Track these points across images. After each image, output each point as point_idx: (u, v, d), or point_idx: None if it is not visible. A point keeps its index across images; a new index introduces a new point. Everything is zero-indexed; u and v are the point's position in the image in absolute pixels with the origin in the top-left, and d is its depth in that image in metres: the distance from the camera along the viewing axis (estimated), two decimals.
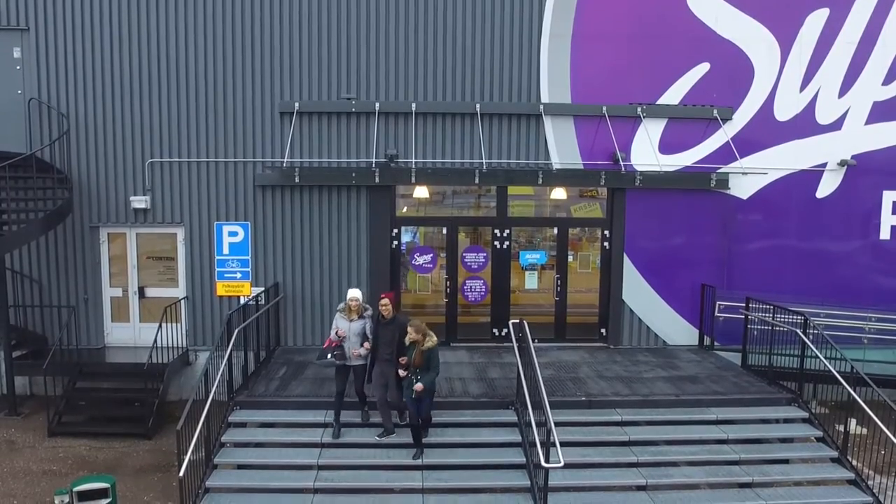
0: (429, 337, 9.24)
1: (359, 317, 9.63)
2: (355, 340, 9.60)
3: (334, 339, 9.60)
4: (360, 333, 9.62)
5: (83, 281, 13.87)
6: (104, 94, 13.62)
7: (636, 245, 14.44)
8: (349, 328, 9.61)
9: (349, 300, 9.66)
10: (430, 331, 9.35)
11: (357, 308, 9.62)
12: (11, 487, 10.02)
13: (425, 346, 9.19)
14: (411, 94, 13.88)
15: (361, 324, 9.64)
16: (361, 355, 9.61)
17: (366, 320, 9.66)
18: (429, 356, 9.22)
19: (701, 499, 9.20)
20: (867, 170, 14.44)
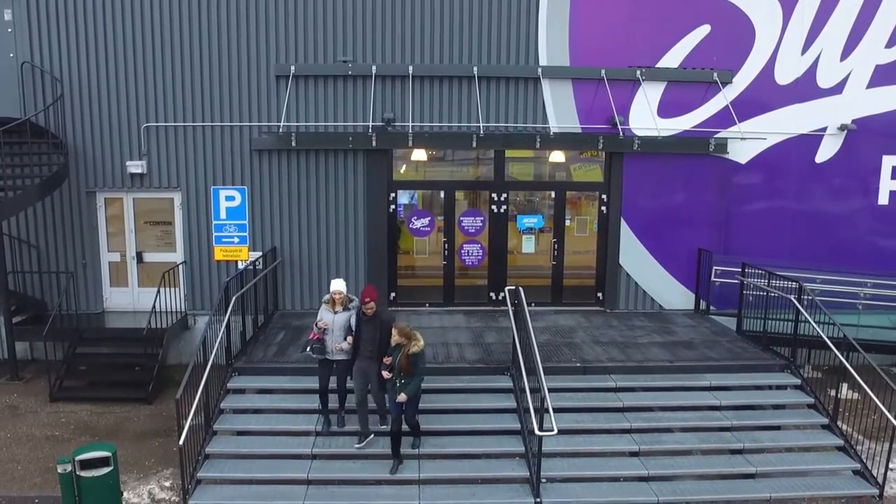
0: (415, 341, 8.63)
1: (344, 309, 9.12)
2: (339, 334, 9.06)
3: (317, 331, 9.13)
4: (345, 327, 9.07)
5: (81, 246, 13.89)
6: (98, 57, 13.45)
7: (634, 209, 14.42)
8: (333, 320, 9.09)
9: (333, 292, 9.12)
10: (416, 333, 8.76)
11: (342, 300, 9.12)
12: (15, 453, 10.18)
13: (411, 351, 8.58)
14: (408, 57, 13.72)
15: (346, 316, 9.10)
16: (344, 349, 9.04)
17: (351, 312, 9.13)
18: (415, 361, 8.62)
19: (692, 465, 9.36)
20: (867, 134, 14.34)
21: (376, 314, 8.93)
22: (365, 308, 8.86)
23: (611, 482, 9.14)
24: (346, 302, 9.14)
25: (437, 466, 9.22)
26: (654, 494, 8.87)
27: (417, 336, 8.68)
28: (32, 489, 9.16)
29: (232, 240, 13.91)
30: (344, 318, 9.07)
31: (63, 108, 13.34)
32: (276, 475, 8.95)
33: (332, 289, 9.17)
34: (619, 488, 9.01)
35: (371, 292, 8.95)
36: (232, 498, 8.62)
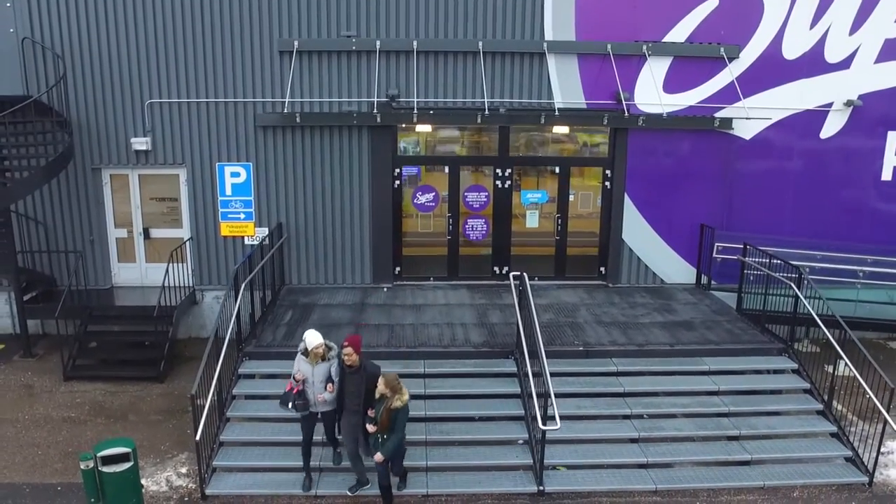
0: (399, 396, 7.94)
1: (323, 360, 8.41)
2: (319, 386, 8.39)
3: (294, 383, 8.47)
4: (326, 378, 8.40)
5: (88, 222, 14.00)
6: (99, 32, 13.32)
7: (637, 184, 14.48)
8: (312, 372, 8.41)
9: (312, 347, 8.32)
10: (403, 387, 8.05)
11: (321, 353, 8.38)
12: (34, 437, 10.51)
13: (393, 406, 7.93)
14: (412, 32, 13.58)
15: (326, 366, 8.39)
16: (327, 400, 8.43)
17: (331, 362, 8.42)
18: (395, 417, 7.96)
19: (689, 452, 9.68)
20: (873, 110, 14.30)
21: (361, 367, 8.24)
22: (344, 355, 8.15)
23: (611, 469, 9.45)
24: (326, 352, 8.43)
25: (443, 454, 9.53)
26: (652, 482, 9.21)
27: (403, 390, 8.01)
28: (54, 476, 9.49)
29: (238, 216, 14.05)
30: (324, 370, 8.38)
31: (66, 85, 13.26)
32: (289, 463, 9.26)
33: (308, 343, 8.34)
34: (619, 476, 9.35)
35: (354, 341, 8.26)
36: (248, 486, 8.96)
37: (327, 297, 13.70)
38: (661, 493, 9.17)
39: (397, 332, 11.87)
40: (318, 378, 8.35)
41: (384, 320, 12.41)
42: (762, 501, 9.07)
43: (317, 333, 8.43)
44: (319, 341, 8.33)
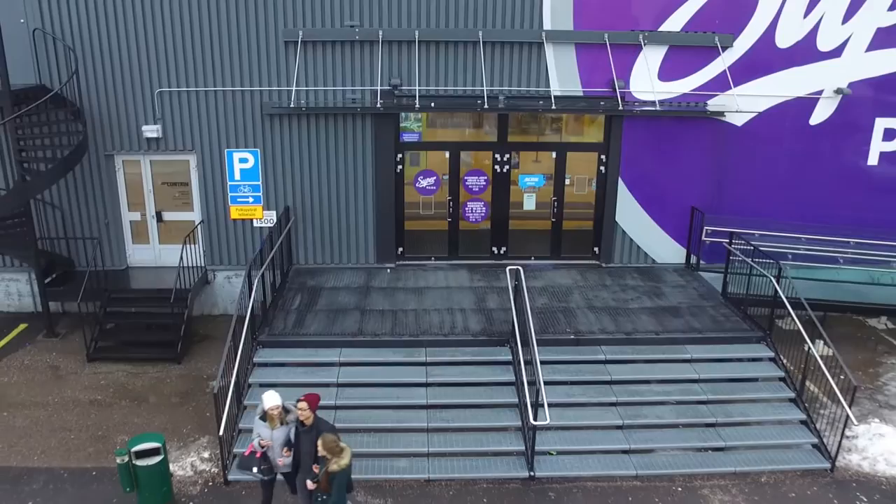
0: (336, 459, 7.72)
1: (281, 423, 8.38)
2: (279, 451, 8.40)
3: (257, 448, 8.41)
4: (285, 442, 8.39)
5: (103, 206, 14.61)
6: (109, 22, 13.66)
7: (631, 169, 15.02)
8: (272, 437, 8.37)
9: (269, 408, 8.25)
10: (345, 450, 7.84)
11: (279, 415, 8.34)
12: (66, 420, 11.37)
13: (331, 469, 7.71)
14: (414, 22, 13.93)
15: (285, 430, 8.37)
16: (287, 464, 8.46)
17: (290, 426, 8.40)
18: (333, 479, 7.75)
19: (669, 438, 10.55)
20: (862, 97, 14.72)
21: (314, 426, 8.16)
22: (298, 409, 8.16)
23: (597, 455, 10.32)
24: (283, 415, 8.40)
25: (444, 440, 10.40)
26: (633, 468, 10.10)
27: (344, 454, 7.80)
28: (88, 460, 10.38)
29: (247, 199, 14.66)
30: (283, 434, 8.36)
31: (78, 76, 13.67)
32: None
33: (266, 405, 8.27)
34: (604, 461, 10.23)
35: (311, 399, 8.22)
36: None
37: (334, 278, 14.42)
38: (641, 478, 10.06)
39: (400, 318, 12.62)
40: (277, 443, 8.34)
41: (388, 306, 13.14)
42: (732, 486, 9.97)
43: (274, 394, 8.36)
44: (276, 403, 8.25)
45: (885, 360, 14.08)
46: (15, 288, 15.23)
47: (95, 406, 11.85)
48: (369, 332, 12.05)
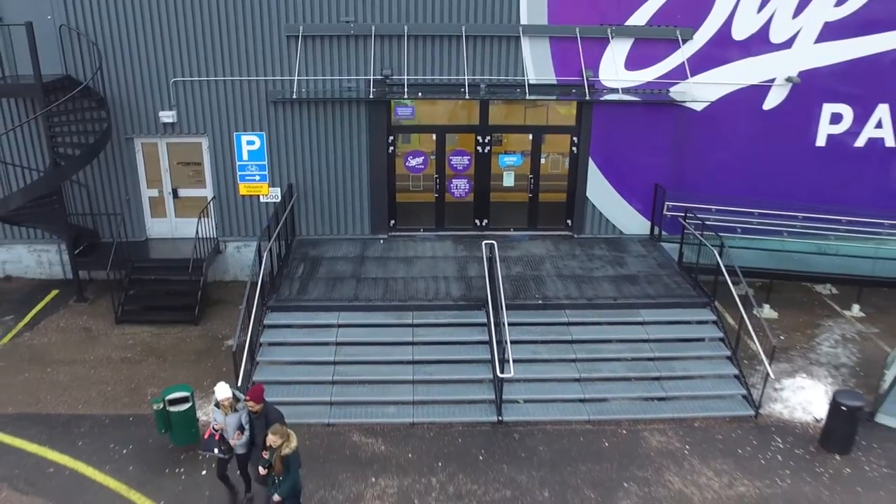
0: (287, 443, 8.69)
1: (233, 410, 9.52)
2: (232, 433, 9.55)
3: (214, 431, 9.58)
4: (237, 426, 9.54)
5: (124, 184, 16.25)
6: (128, 18, 15.10)
7: (600, 149, 16.62)
8: (225, 422, 9.53)
9: (220, 400, 9.41)
10: (291, 436, 8.83)
11: (230, 405, 9.48)
12: (102, 375, 13.21)
13: (283, 453, 8.64)
14: (403, 18, 15.39)
15: (236, 417, 9.49)
16: (241, 444, 9.62)
17: (240, 413, 9.54)
18: (287, 462, 8.69)
19: (619, 390, 12.38)
20: (810, 84, 16.23)
21: (264, 413, 9.34)
22: (249, 405, 9.38)
23: (556, 403, 12.17)
24: (234, 404, 9.51)
25: (427, 391, 12.24)
26: (587, 414, 11.95)
27: (291, 438, 8.78)
28: (125, 408, 12.23)
29: (254, 177, 16.31)
30: (235, 420, 9.47)
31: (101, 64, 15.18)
32: (308, 398, 12.01)
33: (218, 396, 9.41)
34: (562, 408, 12.07)
35: (254, 393, 9.31)
36: None
37: (332, 249, 16.14)
38: (593, 422, 11.91)
39: (391, 285, 14.38)
40: (230, 427, 9.49)
41: (380, 274, 14.89)
42: (669, 429, 11.84)
43: (225, 387, 9.45)
44: (227, 395, 9.37)
45: (823, 323, 15.87)
46: (46, 258, 16.96)
47: (126, 363, 13.67)
48: (364, 298, 13.82)
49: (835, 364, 14.15)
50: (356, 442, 11.43)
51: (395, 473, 10.76)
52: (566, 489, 10.48)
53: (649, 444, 11.53)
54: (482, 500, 10.26)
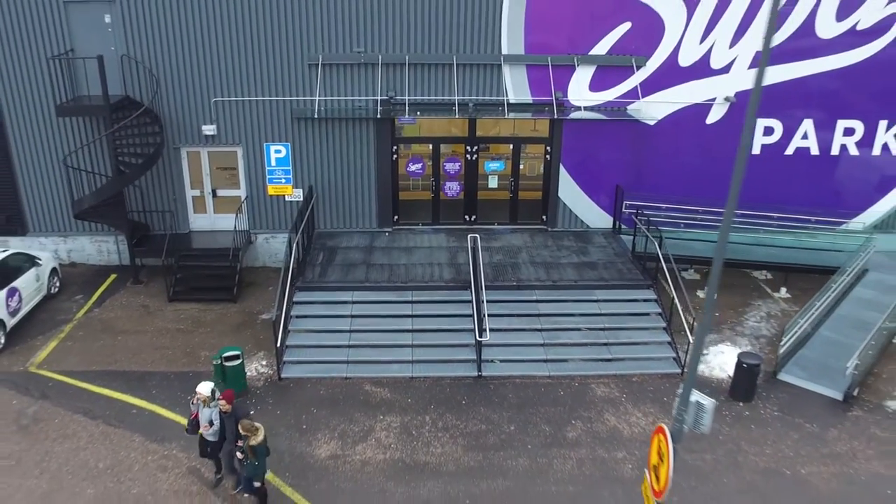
0: (254, 436, 10.68)
1: (206, 406, 11.39)
2: (204, 424, 11.48)
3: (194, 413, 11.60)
4: (207, 419, 11.40)
5: (172, 186, 19.53)
6: (176, 49, 18.31)
7: (570, 157, 19.84)
8: (201, 412, 11.47)
9: (199, 393, 11.36)
10: (258, 428, 10.80)
11: (205, 400, 11.36)
12: (162, 342, 16.52)
13: (251, 444, 10.68)
14: (405, 49, 18.58)
15: (209, 411, 11.37)
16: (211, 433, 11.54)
17: (213, 409, 11.35)
18: (255, 450, 10.71)
19: (575, 353, 15.67)
20: (745, 102, 19.39)
21: (233, 412, 11.24)
22: (221, 404, 11.28)
23: (524, 363, 15.49)
24: (209, 401, 11.36)
25: (422, 352, 15.55)
26: (548, 371, 15.26)
27: (257, 431, 10.77)
28: (184, 367, 15.56)
29: (280, 180, 19.56)
30: (208, 413, 11.40)
31: (157, 88, 18.43)
32: (329, 359, 15.33)
33: (198, 390, 11.40)
34: (529, 367, 15.37)
35: (226, 395, 11.31)
36: (305, 373, 15.05)
37: (346, 240, 19.43)
38: (553, 377, 15.23)
39: (395, 270, 17.68)
40: (203, 419, 11.46)
41: (386, 261, 18.19)
42: (612, 383, 15.15)
43: (206, 384, 11.47)
44: (204, 392, 11.34)
45: (754, 302, 19.13)
46: (105, 247, 20.28)
47: (180, 332, 17.00)
48: (373, 280, 17.13)
49: (756, 335, 17.41)
50: (367, 391, 14.78)
51: (398, 413, 14.11)
52: (527, 425, 13.83)
53: (595, 393, 14.85)
54: (463, 432, 13.60)
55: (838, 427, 14.01)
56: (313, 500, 11.97)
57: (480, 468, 12.72)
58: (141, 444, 13.29)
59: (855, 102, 19.51)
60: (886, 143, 20.06)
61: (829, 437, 13.72)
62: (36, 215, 19.91)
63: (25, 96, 18.51)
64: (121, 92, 18.42)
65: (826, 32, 18.87)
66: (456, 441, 13.36)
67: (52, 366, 15.67)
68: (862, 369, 15.04)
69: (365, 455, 13.00)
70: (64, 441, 13.39)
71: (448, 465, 12.77)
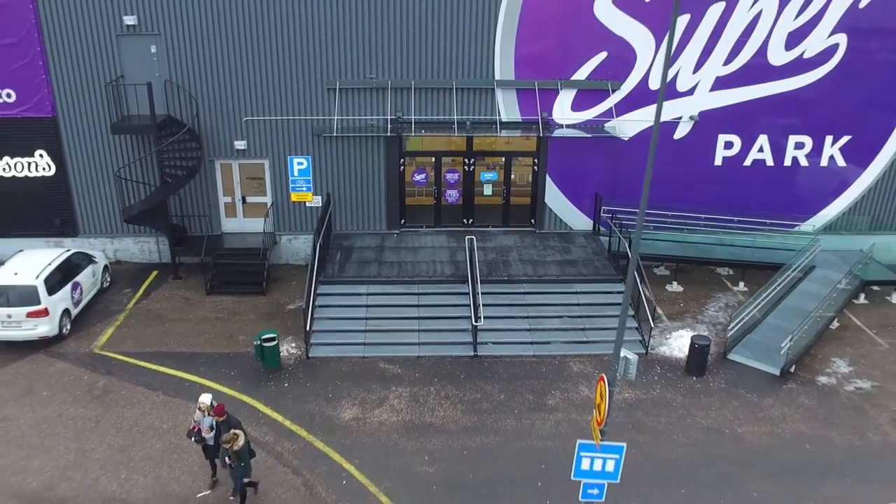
0: (235, 443, 12.50)
1: (207, 414, 13.18)
2: (205, 429, 13.21)
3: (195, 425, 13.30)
4: (208, 425, 13.15)
5: (207, 193, 22.39)
6: (212, 75, 21.15)
7: (555, 168, 22.70)
8: (202, 421, 13.20)
9: (199, 403, 13.26)
10: (237, 436, 12.59)
11: (205, 409, 13.18)
12: (203, 328, 19.38)
13: (233, 450, 12.50)
14: (411, 75, 21.44)
15: (211, 419, 13.14)
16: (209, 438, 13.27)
17: (213, 418, 13.14)
18: (238, 454, 12.53)
19: (556, 336, 18.53)
20: (708, 120, 22.29)
21: (227, 420, 13.04)
22: (215, 415, 13.11)
23: (513, 345, 18.38)
24: (208, 410, 13.22)
25: (427, 336, 18.43)
26: (533, 351, 18.15)
27: (238, 438, 12.57)
28: (226, 349, 18.41)
29: (301, 188, 22.35)
30: (208, 421, 13.18)
31: (197, 111, 21.30)
32: (350, 341, 18.21)
33: (200, 401, 13.35)
34: (517, 348, 18.24)
35: (218, 409, 13.10)
36: (330, 353, 17.92)
37: (360, 241, 22.30)
38: (537, 356, 18.11)
39: (403, 267, 20.55)
40: (204, 425, 13.24)
41: (395, 259, 21.06)
42: (586, 361, 18.03)
43: (207, 395, 13.47)
44: (205, 401, 13.30)
45: (715, 295, 21.98)
46: (146, 247, 23.13)
47: (219, 321, 19.86)
48: (384, 276, 19.99)
49: (714, 323, 20.29)
50: (381, 367, 17.67)
51: (407, 385, 16.99)
52: (514, 394, 16.72)
53: (572, 369, 17.75)
54: (461, 399, 16.49)
55: (773, 396, 16.90)
56: (342, 452, 14.84)
57: (475, 427, 15.61)
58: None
59: (804, 120, 22.38)
60: (832, 155, 22.91)
61: (765, 405, 16.61)
62: (87, 219, 22.75)
63: (81, 116, 21.34)
64: (164, 112, 21.24)
65: (777, 60, 21.72)
66: (455, 406, 16.24)
67: (112, 348, 18.50)
68: (796, 350, 17.91)
69: (381, 417, 15.89)
70: (132, 407, 16.24)
71: (449, 425, 15.65)
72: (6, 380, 17.09)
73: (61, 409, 16.13)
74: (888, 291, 22.05)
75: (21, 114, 21.31)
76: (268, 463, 14.55)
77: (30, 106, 21.25)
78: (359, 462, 14.58)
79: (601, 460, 10.67)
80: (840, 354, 18.67)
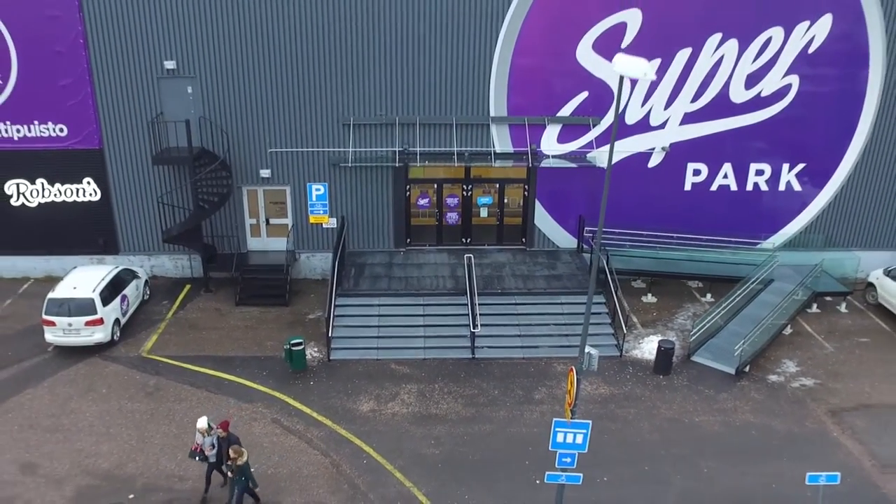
0: (237, 458, 13.68)
1: (207, 435, 14.75)
2: (207, 449, 14.80)
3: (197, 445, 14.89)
4: (210, 444, 14.73)
5: (234, 215, 25.29)
6: (241, 112, 24.08)
7: (543, 193, 25.61)
8: (203, 441, 14.79)
9: (199, 428, 14.77)
10: (242, 454, 13.90)
11: (204, 431, 14.72)
12: (235, 335, 22.20)
13: (236, 465, 13.77)
14: (416, 112, 24.39)
15: (210, 439, 14.71)
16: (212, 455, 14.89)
17: (213, 436, 14.71)
18: (240, 469, 13.74)
19: (543, 341, 21.41)
20: (678, 151, 25.26)
21: (228, 437, 14.57)
22: (218, 431, 14.72)
23: (505, 348, 21.27)
24: (208, 431, 14.75)
25: (432, 341, 21.30)
26: (523, 354, 21.04)
27: (242, 454, 13.90)
28: (256, 353, 21.24)
29: (319, 212, 25.31)
30: (209, 440, 14.74)
31: (227, 142, 24.24)
32: (366, 346, 21.07)
33: (198, 424, 14.86)
34: (509, 351, 21.09)
35: (224, 424, 14.81)
36: (348, 355, 20.77)
37: (370, 258, 25.19)
38: (526, 359, 20.98)
39: (409, 281, 23.45)
40: (206, 445, 14.86)
41: (402, 274, 23.96)
42: (569, 362, 20.92)
43: (203, 419, 14.90)
44: (203, 425, 14.77)
45: (684, 305, 24.88)
46: (180, 263, 25.98)
47: (248, 329, 22.72)
48: (393, 289, 22.88)
49: (682, 329, 23.18)
50: (393, 368, 20.56)
51: (415, 382, 19.87)
52: (507, 390, 19.61)
53: (556, 369, 20.65)
54: (462, 395, 19.38)
55: (728, 392, 19.80)
56: (361, 438, 17.69)
57: (474, 417, 18.48)
58: (236, 404, 18.98)
59: (763, 150, 25.35)
60: (789, 181, 25.89)
61: (720, 399, 19.51)
62: (127, 238, 25.61)
63: (124, 148, 24.24)
64: (199, 145, 24.16)
65: (738, 98, 24.72)
66: (456, 400, 19.13)
67: (158, 352, 21.33)
68: (750, 352, 20.82)
69: (394, 409, 18.76)
70: (180, 402, 19.07)
71: (451, 416, 18.53)
72: (70, 379, 19.90)
73: (120, 403, 18.94)
74: (838, 301, 24.93)
75: (72, 146, 24.21)
76: (300, 447, 17.37)
77: (80, 139, 24.15)
78: (376, 445, 17.41)
79: (572, 434, 13.46)
80: (790, 356, 21.55)
